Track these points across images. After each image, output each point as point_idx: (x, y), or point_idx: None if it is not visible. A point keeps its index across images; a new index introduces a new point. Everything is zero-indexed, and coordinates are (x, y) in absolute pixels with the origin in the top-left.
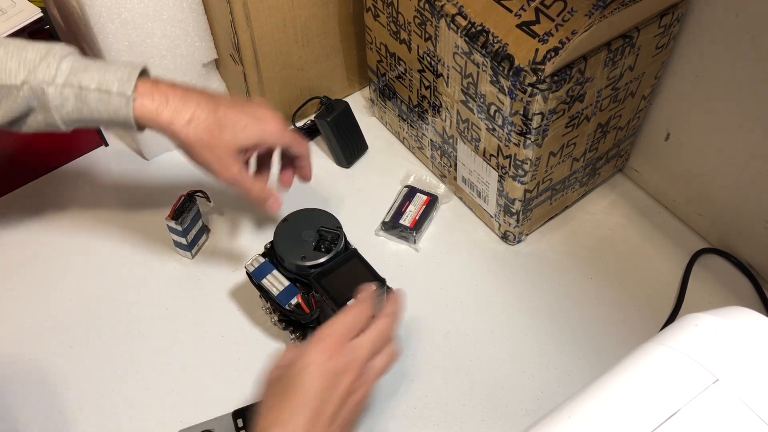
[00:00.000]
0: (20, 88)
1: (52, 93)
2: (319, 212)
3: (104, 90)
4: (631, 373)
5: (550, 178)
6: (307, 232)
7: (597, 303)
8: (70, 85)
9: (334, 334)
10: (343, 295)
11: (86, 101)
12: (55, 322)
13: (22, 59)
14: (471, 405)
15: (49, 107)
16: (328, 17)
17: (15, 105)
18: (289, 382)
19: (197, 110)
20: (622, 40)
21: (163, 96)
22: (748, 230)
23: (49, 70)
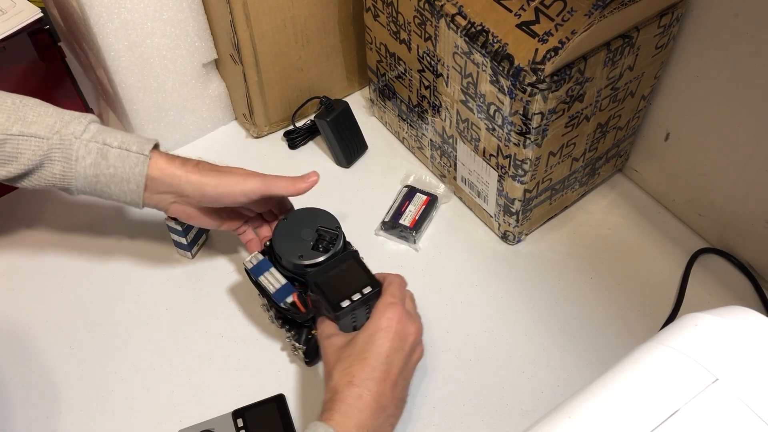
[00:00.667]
0: (51, 138)
1: (77, 145)
2: (320, 212)
3: (124, 148)
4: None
5: (549, 178)
6: (307, 231)
7: (597, 303)
8: (95, 140)
9: (398, 302)
10: (338, 295)
11: (106, 156)
12: (55, 323)
13: (59, 119)
14: (471, 405)
15: (71, 158)
16: (328, 17)
17: (38, 154)
18: (362, 345)
19: (201, 162)
20: (622, 40)
21: (173, 156)
22: (748, 230)
23: (80, 126)
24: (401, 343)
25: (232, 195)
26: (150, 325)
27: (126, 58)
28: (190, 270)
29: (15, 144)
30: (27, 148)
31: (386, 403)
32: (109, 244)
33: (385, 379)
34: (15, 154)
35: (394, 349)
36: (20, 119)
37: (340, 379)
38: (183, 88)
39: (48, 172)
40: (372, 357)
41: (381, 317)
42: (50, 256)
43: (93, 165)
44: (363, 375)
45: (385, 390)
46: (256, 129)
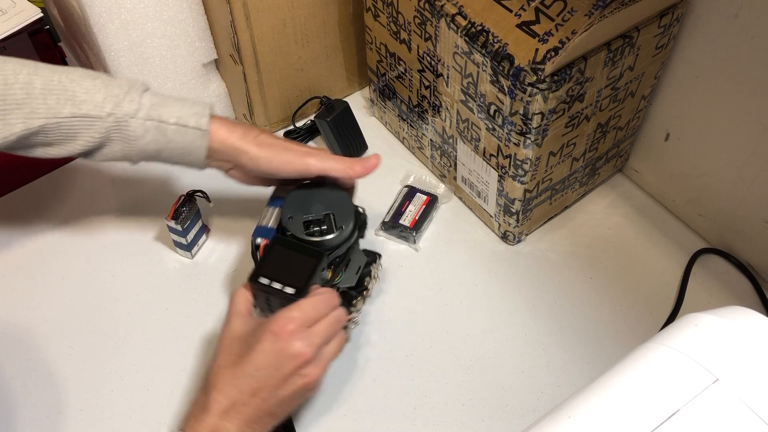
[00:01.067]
0: (105, 119)
1: (134, 125)
2: (347, 201)
3: (182, 124)
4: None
5: (549, 178)
6: (318, 207)
7: (597, 303)
8: (151, 118)
9: (297, 319)
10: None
11: (165, 132)
12: (55, 323)
13: (109, 93)
14: (471, 405)
15: (130, 138)
16: (328, 17)
17: (96, 135)
18: (245, 348)
19: (262, 133)
20: (622, 40)
21: (233, 126)
22: (748, 230)
23: (133, 104)
24: (278, 362)
25: (286, 172)
26: (150, 325)
27: (126, 58)
28: (190, 270)
29: (69, 125)
30: (82, 128)
31: (249, 411)
32: (109, 244)
33: (253, 393)
34: (71, 134)
35: (270, 366)
36: (69, 99)
37: (209, 380)
38: (183, 88)
39: (109, 151)
40: (245, 364)
41: (272, 325)
42: (50, 255)
43: (153, 141)
44: (228, 380)
45: (248, 400)
46: None
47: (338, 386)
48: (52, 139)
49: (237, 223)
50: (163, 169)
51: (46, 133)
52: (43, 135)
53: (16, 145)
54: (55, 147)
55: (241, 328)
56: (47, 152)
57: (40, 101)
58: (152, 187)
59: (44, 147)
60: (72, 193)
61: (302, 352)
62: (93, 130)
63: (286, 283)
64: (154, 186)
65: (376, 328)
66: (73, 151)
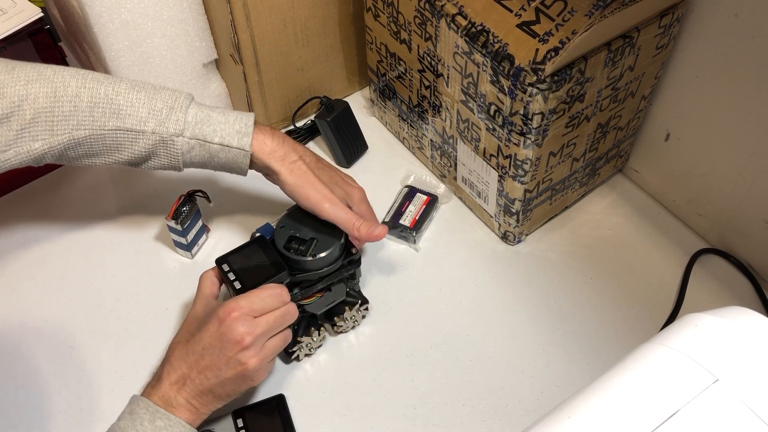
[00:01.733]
0: (149, 135)
1: (180, 142)
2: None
3: (225, 144)
4: (631, 373)
5: (550, 178)
6: (307, 230)
7: (597, 303)
8: (195, 137)
9: (243, 308)
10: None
11: (209, 150)
12: (55, 322)
13: (152, 108)
14: (471, 405)
15: (176, 153)
16: (328, 17)
17: (142, 149)
18: (198, 327)
19: (304, 155)
20: (622, 40)
21: (277, 142)
22: (748, 230)
23: (178, 123)
24: (221, 345)
25: (303, 206)
26: (150, 325)
27: (126, 58)
28: (190, 270)
29: (113, 137)
30: (126, 141)
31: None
32: (109, 244)
33: (196, 367)
34: (116, 146)
35: (214, 347)
36: (115, 112)
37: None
38: (183, 88)
39: (155, 163)
40: (194, 343)
41: (220, 311)
42: (50, 255)
43: (198, 155)
44: (180, 355)
45: (194, 375)
46: None
47: (338, 386)
48: (97, 150)
49: (237, 223)
50: None
51: (91, 144)
52: (88, 146)
53: (62, 154)
54: (100, 157)
55: (201, 309)
56: (93, 161)
57: (86, 114)
58: (152, 187)
59: (90, 157)
60: (72, 193)
61: (242, 339)
62: (137, 144)
63: (240, 278)
64: (154, 186)
65: (376, 328)
66: (118, 161)
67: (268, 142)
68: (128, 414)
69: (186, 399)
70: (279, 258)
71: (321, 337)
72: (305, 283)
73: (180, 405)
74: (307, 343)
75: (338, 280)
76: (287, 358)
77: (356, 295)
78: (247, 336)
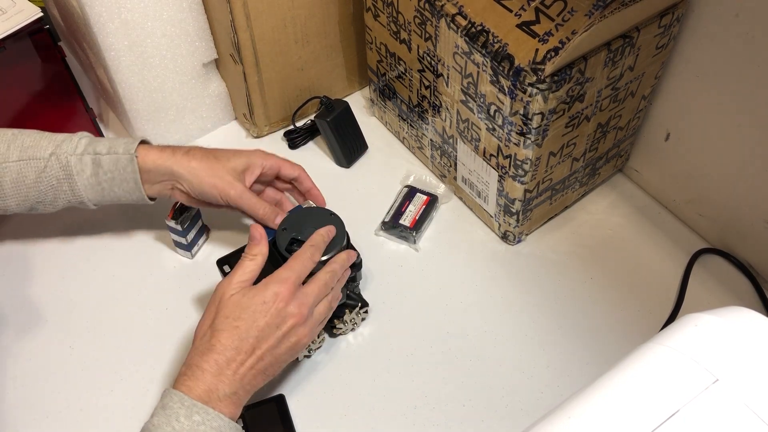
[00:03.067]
0: (48, 158)
1: (74, 161)
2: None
3: (113, 152)
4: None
5: (550, 178)
6: (310, 231)
7: (597, 303)
8: (87, 153)
9: (290, 280)
10: None
11: (100, 164)
12: (55, 322)
13: (52, 139)
14: (471, 405)
15: (72, 173)
16: (328, 17)
17: (47, 178)
18: (245, 311)
19: (193, 149)
20: (622, 40)
21: (162, 147)
22: (748, 230)
23: (72, 143)
24: (278, 322)
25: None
26: (150, 325)
27: (126, 58)
28: (190, 270)
29: (17, 169)
30: (29, 170)
31: (244, 371)
32: (109, 244)
33: (250, 352)
34: (21, 177)
35: (269, 325)
36: (18, 147)
37: (204, 343)
38: (183, 87)
39: (60, 193)
40: (244, 327)
41: (266, 289)
42: (50, 256)
43: (92, 175)
44: (228, 343)
45: (246, 360)
46: (256, 129)
47: (338, 386)
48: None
49: (237, 223)
50: None
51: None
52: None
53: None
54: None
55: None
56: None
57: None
58: None
59: None
60: None
61: (298, 312)
62: (37, 171)
63: None
64: None
65: (376, 328)
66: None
67: (154, 147)
68: (161, 410)
69: (231, 386)
70: (280, 260)
71: (320, 339)
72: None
73: (223, 397)
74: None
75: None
76: None
77: (356, 298)
78: (302, 309)
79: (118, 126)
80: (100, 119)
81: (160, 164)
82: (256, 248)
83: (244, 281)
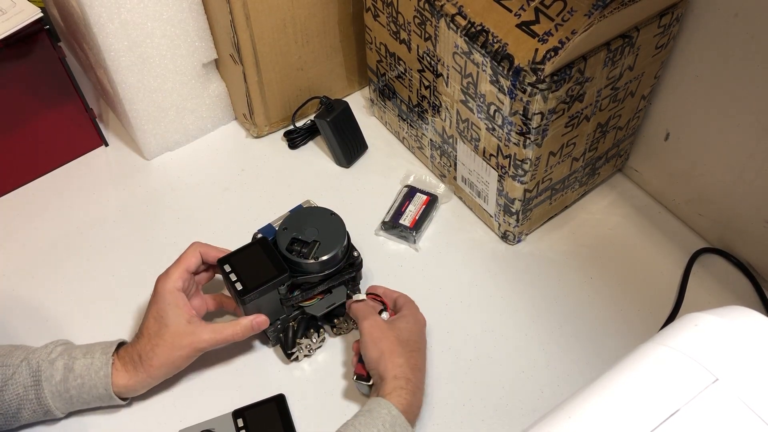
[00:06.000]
0: (19, 365)
1: (45, 367)
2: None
3: (89, 354)
4: (631, 373)
5: (549, 178)
6: (312, 230)
7: (597, 303)
8: (62, 357)
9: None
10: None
11: (72, 368)
12: (56, 323)
13: (25, 349)
14: (471, 405)
15: (40, 379)
16: (328, 17)
17: (13, 385)
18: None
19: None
20: (622, 40)
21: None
22: (748, 230)
23: (47, 350)
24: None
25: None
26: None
27: (126, 58)
28: None
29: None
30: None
31: (420, 384)
32: (109, 244)
33: (422, 368)
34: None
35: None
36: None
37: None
38: (183, 88)
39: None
40: (422, 349)
41: (419, 315)
42: (50, 256)
43: (62, 380)
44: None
45: (421, 376)
46: (256, 129)
47: (338, 386)
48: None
49: (237, 223)
50: (163, 169)
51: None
52: None
53: None
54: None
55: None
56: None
57: None
58: (152, 187)
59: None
60: (72, 193)
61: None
62: (7, 379)
63: (241, 279)
64: (155, 186)
65: None
66: None
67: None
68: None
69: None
70: (281, 259)
71: (320, 339)
72: (306, 285)
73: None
74: (306, 344)
75: (339, 283)
76: (287, 359)
77: None
78: None
79: (118, 126)
80: (100, 119)
81: (131, 386)
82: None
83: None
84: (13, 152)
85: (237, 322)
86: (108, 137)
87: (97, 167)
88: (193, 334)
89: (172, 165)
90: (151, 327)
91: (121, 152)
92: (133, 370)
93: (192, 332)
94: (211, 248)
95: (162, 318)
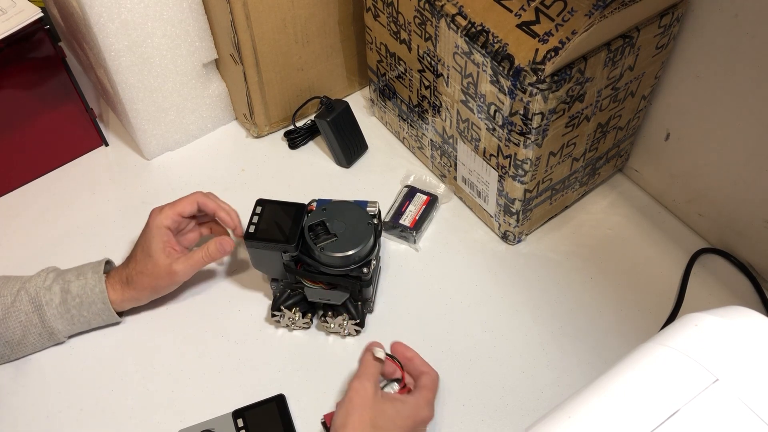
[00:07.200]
0: (17, 293)
1: (43, 293)
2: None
3: (81, 275)
4: (631, 372)
5: (550, 178)
6: (340, 224)
7: (597, 303)
8: (56, 282)
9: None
10: None
11: (69, 290)
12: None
13: (19, 279)
14: (471, 405)
15: (41, 304)
16: (328, 17)
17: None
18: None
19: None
20: (622, 40)
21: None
22: (748, 230)
23: (40, 278)
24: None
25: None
26: (150, 325)
27: (126, 58)
28: None
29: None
30: None
31: None
32: (108, 245)
33: None
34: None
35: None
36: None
37: None
38: (183, 88)
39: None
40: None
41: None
42: (50, 255)
43: (61, 303)
44: None
45: None
46: (256, 129)
47: (338, 386)
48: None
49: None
50: (163, 169)
51: None
52: None
53: None
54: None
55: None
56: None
57: None
58: (152, 187)
59: None
60: (72, 193)
61: None
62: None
63: (256, 224)
64: (155, 186)
65: (376, 328)
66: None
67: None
68: None
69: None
70: (297, 231)
71: (305, 321)
72: (309, 267)
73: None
74: (289, 316)
75: (343, 287)
76: (287, 359)
77: (356, 314)
78: None
79: (118, 126)
80: (100, 119)
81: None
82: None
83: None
84: (13, 152)
85: (205, 244)
86: (108, 137)
87: (97, 167)
88: (170, 266)
89: (173, 165)
90: (138, 255)
91: (121, 152)
92: (121, 289)
93: (169, 264)
94: (210, 200)
95: (146, 249)
